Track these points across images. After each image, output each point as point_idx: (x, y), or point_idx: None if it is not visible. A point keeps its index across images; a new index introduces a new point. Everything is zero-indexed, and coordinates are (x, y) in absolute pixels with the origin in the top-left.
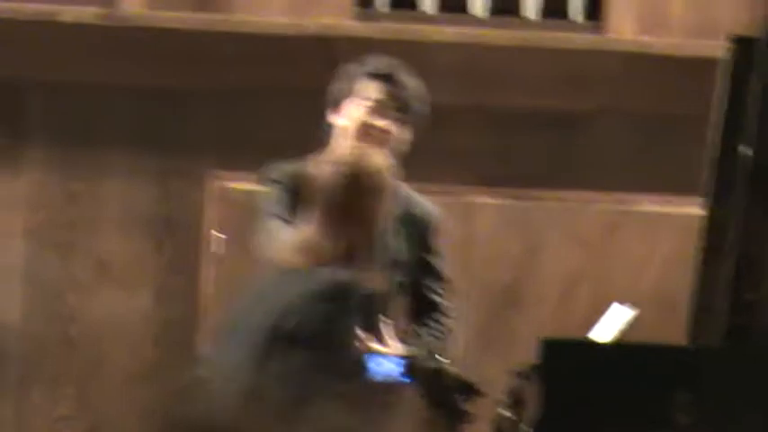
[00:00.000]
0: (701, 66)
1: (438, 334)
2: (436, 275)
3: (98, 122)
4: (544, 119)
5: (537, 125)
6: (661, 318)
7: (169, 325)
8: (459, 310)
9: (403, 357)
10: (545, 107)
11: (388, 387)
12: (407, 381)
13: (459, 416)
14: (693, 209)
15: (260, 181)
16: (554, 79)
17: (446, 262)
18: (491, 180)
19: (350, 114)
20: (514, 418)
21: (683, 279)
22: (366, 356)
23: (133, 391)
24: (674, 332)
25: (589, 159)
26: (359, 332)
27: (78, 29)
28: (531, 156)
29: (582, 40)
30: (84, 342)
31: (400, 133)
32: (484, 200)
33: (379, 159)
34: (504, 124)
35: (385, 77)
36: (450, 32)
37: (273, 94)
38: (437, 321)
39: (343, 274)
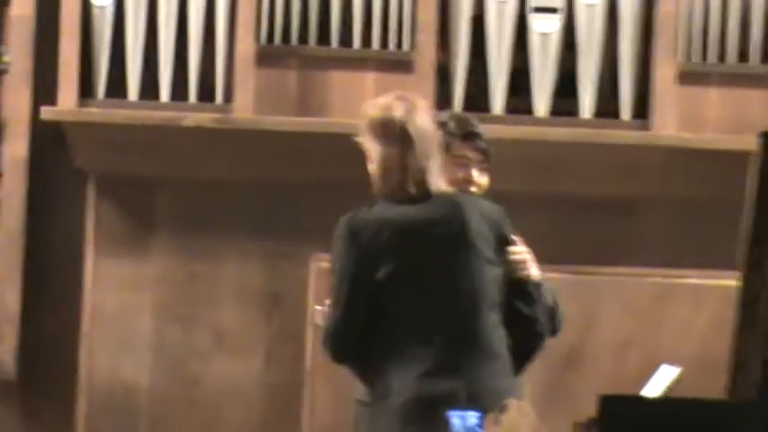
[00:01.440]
0: (735, 158)
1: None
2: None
3: (216, 213)
4: (598, 204)
5: (592, 209)
6: (704, 378)
7: (277, 387)
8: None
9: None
10: (598, 194)
11: None
12: None
13: None
14: (731, 281)
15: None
16: (606, 170)
17: None
18: (552, 257)
19: (452, 172)
20: None
21: (723, 343)
22: (450, 411)
23: None
24: (715, 391)
25: (637, 239)
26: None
27: (198, 132)
28: (587, 236)
29: (630, 136)
30: (203, 402)
31: (486, 179)
32: (547, 274)
33: None
34: (564, 209)
35: (474, 135)
36: (516, 131)
37: (366, 186)
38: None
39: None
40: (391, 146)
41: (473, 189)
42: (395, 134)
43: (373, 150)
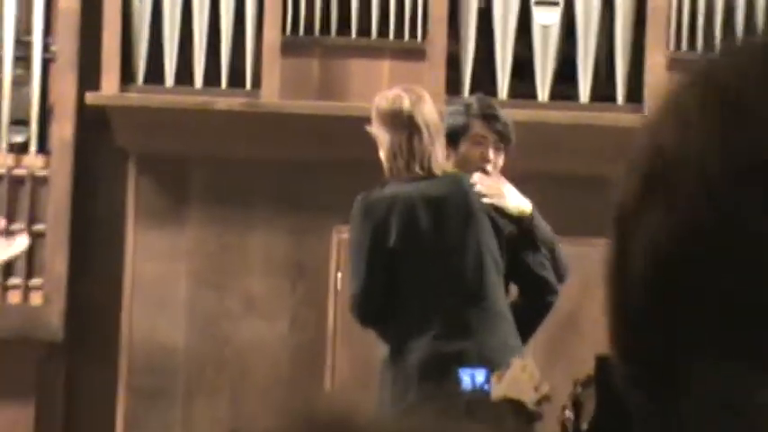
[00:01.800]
0: None
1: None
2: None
3: (245, 189)
4: (595, 181)
5: (590, 186)
6: None
7: (301, 348)
8: None
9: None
10: (596, 172)
11: (474, 395)
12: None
13: (532, 417)
14: None
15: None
16: (602, 150)
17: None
18: (553, 230)
19: (469, 150)
20: (576, 418)
21: None
22: (462, 371)
23: (272, 399)
24: None
25: None
26: None
27: (229, 115)
28: (585, 210)
29: (625, 118)
30: (234, 361)
31: (501, 159)
32: None
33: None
34: (564, 186)
35: (493, 117)
36: (519, 114)
37: (381, 165)
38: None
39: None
40: (400, 133)
41: (488, 167)
42: (403, 123)
43: (383, 138)
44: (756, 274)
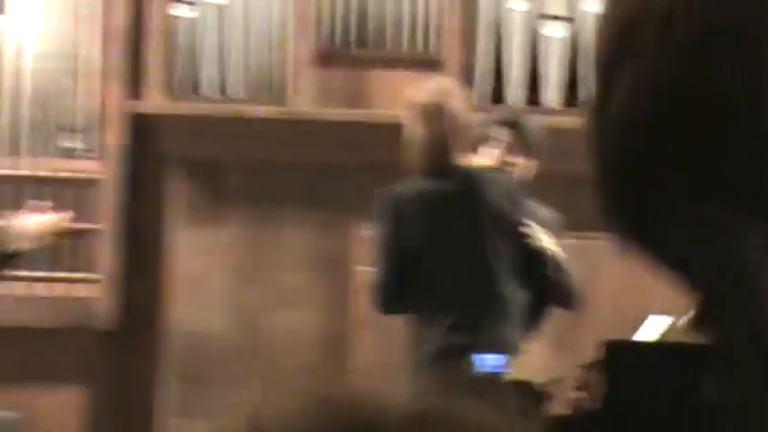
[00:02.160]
0: None
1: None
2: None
3: (278, 190)
4: None
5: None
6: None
7: (328, 334)
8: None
9: (503, 355)
10: None
11: (488, 378)
12: (503, 373)
13: (541, 397)
14: None
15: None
16: None
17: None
18: (564, 225)
19: (488, 153)
20: (585, 398)
21: None
22: (474, 356)
23: (302, 381)
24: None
25: None
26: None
27: (264, 122)
28: (591, 208)
29: None
30: (267, 347)
31: (525, 163)
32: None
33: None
34: (572, 186)
35: (511, 123)
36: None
37: (400, 168)
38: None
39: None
40: (426, 126)
41: (507, 167)
42: (430, 116)
43: (413, 131)
44: (725, 126)
